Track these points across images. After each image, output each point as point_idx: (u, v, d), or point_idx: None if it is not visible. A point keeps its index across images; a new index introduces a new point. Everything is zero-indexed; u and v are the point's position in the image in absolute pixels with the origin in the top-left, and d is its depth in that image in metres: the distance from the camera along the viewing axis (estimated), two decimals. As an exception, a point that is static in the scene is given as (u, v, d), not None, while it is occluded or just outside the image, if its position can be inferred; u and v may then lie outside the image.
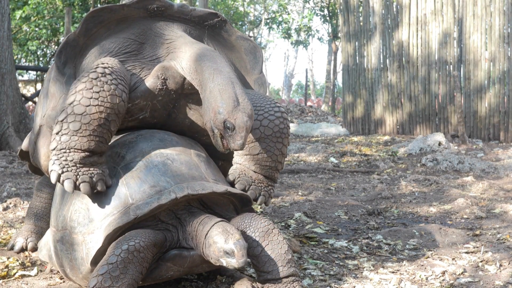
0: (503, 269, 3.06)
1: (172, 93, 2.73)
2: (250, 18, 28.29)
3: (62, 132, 2.45)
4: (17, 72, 14.16)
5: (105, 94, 2.44)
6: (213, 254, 2.35)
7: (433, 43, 11.15)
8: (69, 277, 2.66)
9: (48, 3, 17.30)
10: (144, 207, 2.42)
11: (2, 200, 5.02)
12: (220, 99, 2.38)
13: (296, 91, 41.67)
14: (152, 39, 2.75)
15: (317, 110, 17.54)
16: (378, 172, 6.92)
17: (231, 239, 2.32)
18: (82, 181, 2.45)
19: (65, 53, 2.70)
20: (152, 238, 2.37)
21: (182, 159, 2.66)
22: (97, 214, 2.50)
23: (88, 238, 2.48)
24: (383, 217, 4.45)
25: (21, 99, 9.64)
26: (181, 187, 2.49)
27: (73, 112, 2.42)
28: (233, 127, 2.36)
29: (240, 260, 2.30)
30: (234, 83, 2.44)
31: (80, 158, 2.45)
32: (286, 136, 2.78)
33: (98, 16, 2.69)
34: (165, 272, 2.50)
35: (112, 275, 2.24)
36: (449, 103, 11.00)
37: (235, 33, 2.94)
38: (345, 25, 12.25)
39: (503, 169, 6.70)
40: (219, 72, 2.47)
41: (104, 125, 2.45)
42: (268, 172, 2.80)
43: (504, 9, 10.45)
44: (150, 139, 2.71)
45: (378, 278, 2.91)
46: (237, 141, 2.37)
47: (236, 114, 2.36)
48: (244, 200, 2.74)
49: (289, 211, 4.52)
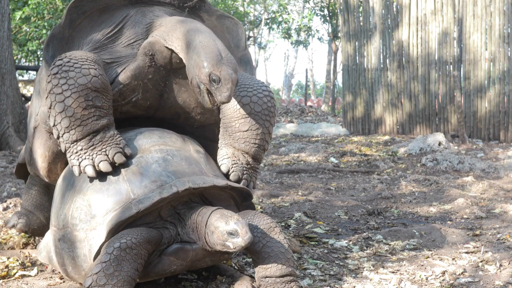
0: (503, 269, 3.06)
1: (161, 69, 2.75)
2: (250, 18, 28.28)
3: (61, 133, 2.54)
4: (17, 72, 14.16)
5: (72, 81, 2.48)
6: (218, 240, 2.36)
7: (433, 43, 11.14)
8: (70, 276, 2.66)
9: (48, 3, 17.29)
10: (146, 201, 2.44)
11: (2, 200, 5.02)
12: (203, 54, 2.41)
13: (296, 91, 41.66)
14: (132, 24, 2.80)
15: (317, 110, 17.54)
16: (378, 172, 6.92)
17: (231, 220, 2.34)
18: (99, 161, 2.53)
19: (52, 45, 2.75)
20: (145, 235, 2.39)
21: (182, 155, 2.68)
22: (99, 210, 2.51)
23: (91, 235, 2.49)
24: (383, 217, 4.45)
25: (21, 99, 9.64)
26: (183, 181, 2.51)
27: (56, 112, 2.51)
28: (218, 79, 2.39)
29: (245, 237, 2.30)
30: (215, 40, 2.48)
31: (87, 142, 2.54)
32: (273, 115, 2.84)
33: (80, 6, 2.74)
34: (168, 267, 2.50)
35: (106, 273, 2.27)
36: (449, 103, 11.00)
37: (215, 12, 3.00)
38: (345, 25, 12.25)
39: (503, 169, 6.70)
40: (199, 32, 2.51)
41: (88, 107, 2.50)
42: (256, 151, 2.82)
43: (504, 9, 10.45)
44: (149, 136, 2.73)
45: (378, 278, 2.91)
46: (223, 93, 2.40)
47: (221, 67, 2.39)
48: (245, 194, 2.76)
49: (289, 211, 4.52)
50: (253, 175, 2.87)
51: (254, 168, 2.87)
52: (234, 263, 3.10)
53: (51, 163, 2.90)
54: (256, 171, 2.90)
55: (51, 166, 2.91)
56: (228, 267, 2.90)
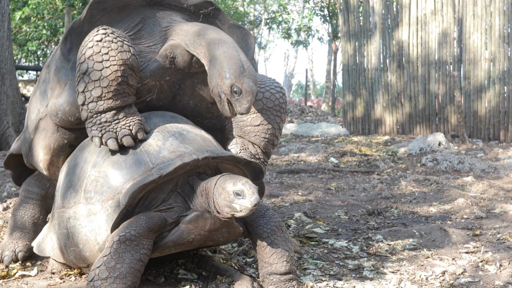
0: (503, 269, 3.06)
1: (179, 72, 2.80)
2: (250, 18, 28.29)
3: (87, 100, 2.56)
4: (17, 72, 14.16)
5: (114, 52, 2.50)
6: (224, 201, 2.38)
7: (433, 43, 11.15)
8: (81, 254, 2.59)
9: (48, 3, 17.29)
10: (168, 167, 2.47)
11: (2, 200, 5.02)
12: (226, 64, 2.46)
13: (296, 91, 41.66)
14: (150, 27, 2.84)
15: (317, 110, 17.54)
16: (378, 172, 6.92)
17: (239, 181, 2.38)
18: (123, 135, 2.58)
19: (70, 39, 2.75)
20: (145, 225, 2.41)
21: (196, 132, 2.76)
22: (117, 180, 2.53)
23: (107, 205, 2.50)
24: (383, 217, 4.45)
25: (21, 99, 9.64)
26: (202, 150, 2.58)
27: (90, 79, 2.52)
28: (240, 91, 2.43)
29: (251, 198, 2.33)
30: (239, 51, 2.53)
31: (112, 116, 2.58)
32: (284, 111, 2.94)
33: (102, 2, 2.77)
34: (186, 235, 2.50)
35: (108, 266, 2.30)
36: (449, 103, 11.00)
37: (228, 21, 3.05)
38: (345, 25, 12.25)
39: (503, 169, 6.70)
40: (223, 41, 2.55)
41: (122, 82, 2.54)
42: (266, 146, 2.93)
43: (504, 9, 10.45)
44: (162, 115, 2.81)
45: (378, 278, 2.91)
46: (243, 104, 2.45)
47: (243, 79, 2.44)
48: (257, 172, 2.81)
49: (289, 211, 4.52)
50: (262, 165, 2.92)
51: (262, 161, 2.94)
52: (234, 263, 3.10)
53: (54, 156, 2.92)
54: (264, 164, 2.96)
55: (53, 158, 2.93)
56: (228, 267, 2.90)
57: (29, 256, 3.22)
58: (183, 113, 2.95)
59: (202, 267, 2.94)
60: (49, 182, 3.34)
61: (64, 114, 2.73)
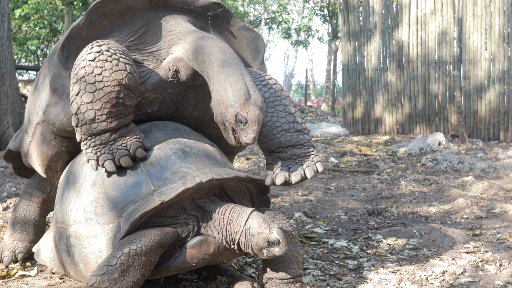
0: (503, 269, 3.06)
1: (182, 84, 2.68)
2: (250, 18, 28.28)
3: (81, 123, 2.43)
4: (17, 72, 14.15)
5: (108, 73, 2.36)
6: (256, 245, 2.34)
7: (433, 43, 11.14)
8: (81, 274, 2.56)
9: (48, 2, 17.27)
10: (170, 192, 2.36)
11: (2, 200, 5.02)
12: (231, 92, 2.32)
13: (296, 91, 41.65)
14: (154, 30, 2.68)
15: (317, 110, 17.54)
16: (378, 172, 6.92)
17: (274, 228, 2.33)
18: (120, 156, 2.46)
19: (68, 46, 2.61)
20: (157, 240, 2.32)
21: (200, 147, 2.64)
22: (117, 203, 2.43)
23: (108, 228, 2.41)
24: (383, 217, 4.45)
25: (21, 99, 9.64)
26: (205, 172, 2.46)
27: (82, 101, 2.38)
28: (245, 121, 2.31)
29: (283, 249, 2.33)
30: (244, 74, 2.38)
31: (108, 137, 2.45)
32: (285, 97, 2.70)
33: (103, 7, 2.60)
34: (190, 260, 2.43)
35: (111, 277, 2.22)
36: (449, 103, 11.00)
37: (237, 23, 2.89)
38: (345, 25, 12.24)
39: (503, 169, 6.70)
40: (228, 64, 2.39)
41: (118, 104, 2.40)
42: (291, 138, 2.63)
43: (504, 9, 10.44)
44: (164, 128, 2.69)
45: (378, 278, 2.91)
46: (249, 134, 2.32)
47: (248, 107, 2.30)
48: (262, 187, 2.74)
49: (289, 211, 4.51)
50: (298, 162, 2.62)
51: (303, 153, 2.63)
52: (234, 263, 3.10)
53: (52, 162, 2.84)
54: (308, 155, 2.63)
55: (51, 164, 2.86)
56: (228, 267, 2.90)
57: (28, 257, 3.22)
58: (186, 122, 2.85)
59: (202, 267, 2.94)
60: (50, 186, 3.30)
61: (61, 124, 2.63)
